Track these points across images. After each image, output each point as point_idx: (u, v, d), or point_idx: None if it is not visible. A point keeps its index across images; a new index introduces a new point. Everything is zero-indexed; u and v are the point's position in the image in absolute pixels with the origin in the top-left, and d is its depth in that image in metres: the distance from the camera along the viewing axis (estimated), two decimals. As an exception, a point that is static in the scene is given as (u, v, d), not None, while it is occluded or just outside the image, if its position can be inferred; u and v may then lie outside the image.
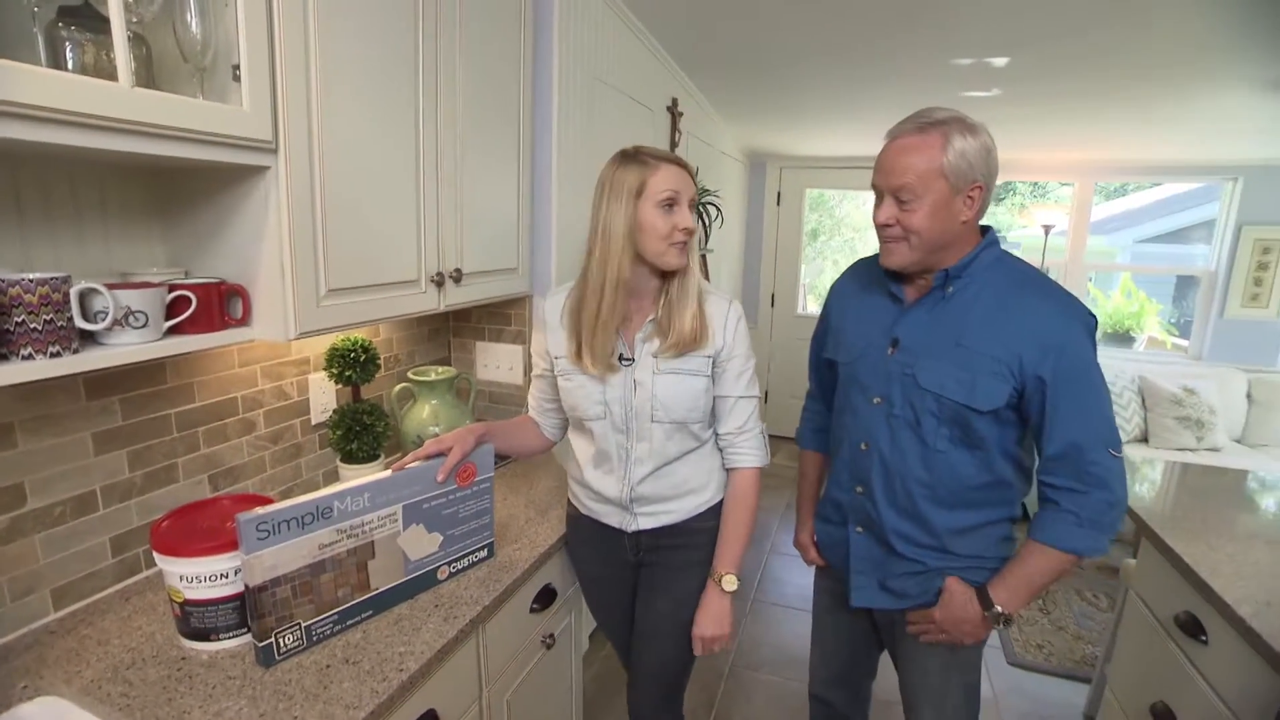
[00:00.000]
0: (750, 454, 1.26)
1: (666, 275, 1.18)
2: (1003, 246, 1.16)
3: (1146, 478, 1.96)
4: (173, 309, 1.02)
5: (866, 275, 1.28)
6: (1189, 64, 2.30)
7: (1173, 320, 6.30)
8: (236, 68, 0.98)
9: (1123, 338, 5.19)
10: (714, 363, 1.21)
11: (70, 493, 1.09)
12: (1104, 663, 2.10)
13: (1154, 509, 1.70)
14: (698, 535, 1.28)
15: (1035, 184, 5.82)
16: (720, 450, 1.29)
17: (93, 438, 1.11)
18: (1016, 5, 1.91)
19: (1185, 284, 6.77)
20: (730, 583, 1.25)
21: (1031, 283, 1.10)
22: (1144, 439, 3.69)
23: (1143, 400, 3.70)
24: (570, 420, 1.32)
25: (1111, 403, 1.09)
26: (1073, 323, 1.05)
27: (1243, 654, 1.21)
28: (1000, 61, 2.42)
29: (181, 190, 1.15)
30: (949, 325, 1.11)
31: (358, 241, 1.22)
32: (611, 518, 1.30)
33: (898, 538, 1.20)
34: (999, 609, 1.12)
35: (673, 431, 1.21)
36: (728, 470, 1.29)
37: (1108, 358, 4.19)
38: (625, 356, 1.21)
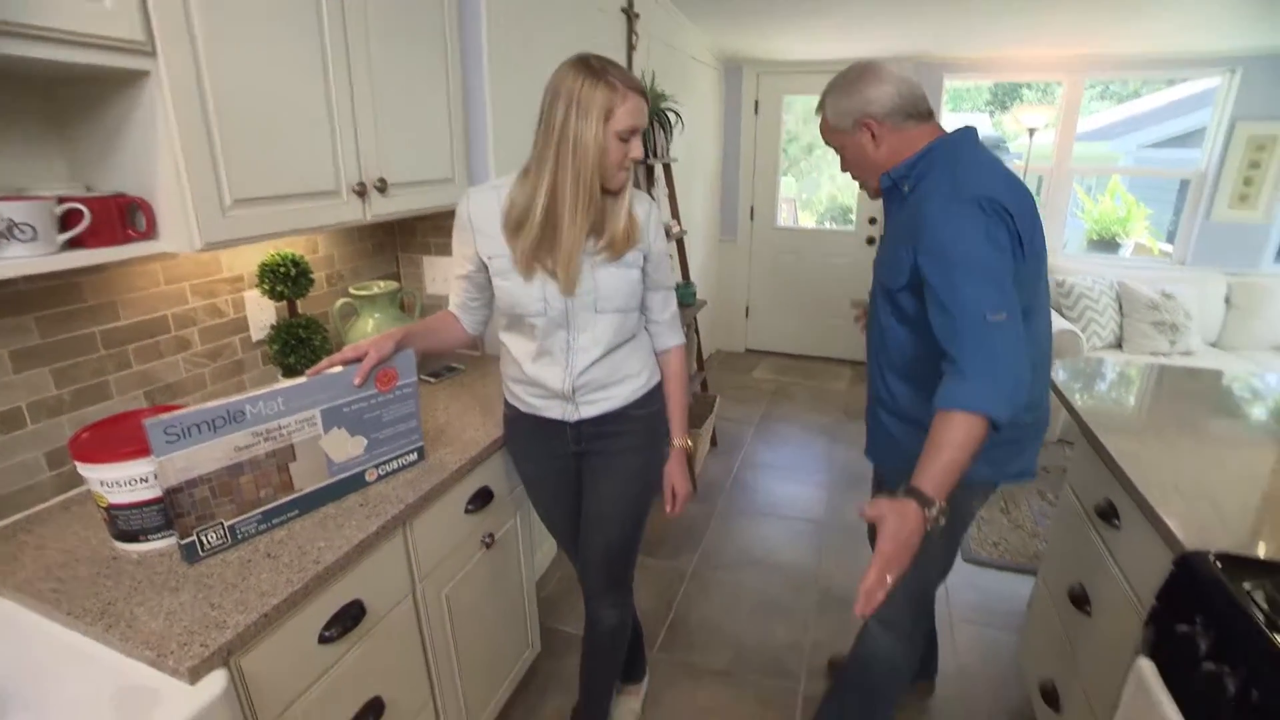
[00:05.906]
0: (679, 334, 1.43)
1: (605, 191, 1.20)
2: (989, 148, 1.26)
3: (1102, 377, 1.98)
4: (67, 222, 1.02)
5: None
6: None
7: (1173, 227, 6.17)
8: (94, -42, 0.93)
9: (1108, 244, 5.09)
10: (645, 258, 1.29)
11: (-7, 409, 1.12)
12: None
13: (1090, 405, 1.73)
14: (634, 422, 1.37)
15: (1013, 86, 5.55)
16: (651, 336, 1.40)
17: (10, 355, 1.13)
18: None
19: (1188, 189, 6.58)
20: (690, 445, 1.48)
21: (954, 170, 1.17)
22: (1118, 344, 3.70)
23: (1120, 306, 3.69)
24: (507, 319, 1.32)
25: (990, 269, 1.07)
26: (946, 202, 1.12)
27: (1147, 535, 1.25)
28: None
29: (73, 102, 1.12)
30: (902, 219, 1.24)
31: (261, 150, 1.20)
32: (553, 410, 1.34)
33: (876, 402, 1.41)
34: (931, 498, 1.03)
35: (613, 320, 1.27)
36: (661, 353, 1.42)
37: (1090, 264, 4.14)
38: None
